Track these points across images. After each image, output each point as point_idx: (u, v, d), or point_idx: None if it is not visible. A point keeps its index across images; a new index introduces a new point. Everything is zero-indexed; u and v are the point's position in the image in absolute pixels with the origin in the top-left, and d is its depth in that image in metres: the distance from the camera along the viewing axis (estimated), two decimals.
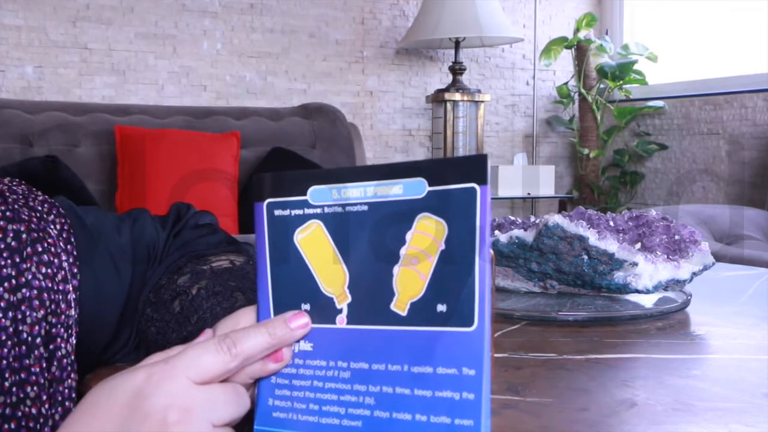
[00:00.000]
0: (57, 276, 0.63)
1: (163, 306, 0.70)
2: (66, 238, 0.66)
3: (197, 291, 0.68)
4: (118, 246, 0.72)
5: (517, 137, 3.89)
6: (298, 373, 0.49)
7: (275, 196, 0.51)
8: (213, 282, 0.68)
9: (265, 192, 0.51)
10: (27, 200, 0.66)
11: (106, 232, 0.71)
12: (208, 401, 0.44)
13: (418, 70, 3.65)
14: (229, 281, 0.68)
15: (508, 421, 0.57)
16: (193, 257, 0.74)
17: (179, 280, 0.71)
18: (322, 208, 0.49)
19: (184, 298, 0.68)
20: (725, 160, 3.31)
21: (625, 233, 0.97)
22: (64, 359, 0.62)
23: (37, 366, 0.59)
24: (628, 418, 0.58)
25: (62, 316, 0.62)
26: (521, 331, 0.86)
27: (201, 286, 0.68)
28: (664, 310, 0.95)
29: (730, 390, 0.65)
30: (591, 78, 3.74)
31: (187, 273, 0.71)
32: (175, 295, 0.69)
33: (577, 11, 3.90)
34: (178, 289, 0.69)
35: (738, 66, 3.36)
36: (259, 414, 0.49)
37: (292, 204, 0.50)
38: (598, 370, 0.71)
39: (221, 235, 0.78)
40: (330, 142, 3.08)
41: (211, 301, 0.66)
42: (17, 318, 0.59)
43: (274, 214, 0.51)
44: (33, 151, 2.62)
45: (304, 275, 0.50)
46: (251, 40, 3.31)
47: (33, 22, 2.94)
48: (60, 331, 0.62)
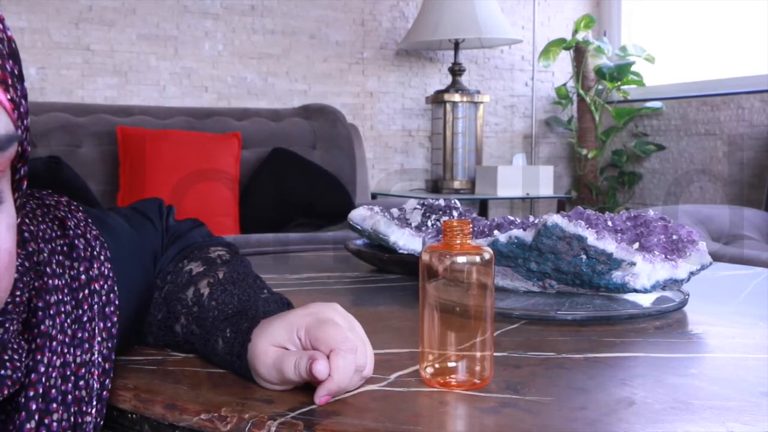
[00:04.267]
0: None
1: (182, 297, 0.74)
2: (110, 287, 0.65)
3: (223, 275, 0.74)
4: (146, 250, 0.75)
5: (516, 138, 3.90)
6: None
7: None
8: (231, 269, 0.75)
9: None
10: (84, 231, 0.65)
11: (137, 242, 0.73)
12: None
13: (417, 71, 3.65)
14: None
15: (507, 420, 0.58)
16: (195, 248, 0.80)
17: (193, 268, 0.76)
18: None
19: (213, 281, 0.73)
20: (722, 161, 3.31)
21: (623, 233, 0.98)
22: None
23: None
24: (626, 417, 0.59)
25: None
26: (520, 331, 0.87)
27: (225, 271, 0.75)
28: (662, 310, 0.95)
29: (727, 389, 0.66)
30: (589, 79, 3.75)
31: (198, 260, 0.77)
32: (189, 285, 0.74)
33: (576, 13, 3.91)
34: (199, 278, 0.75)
35: (735, 67, 3.37)
36: None
37: None
38: (597, 369, 0.72)
39: (204, 228, 0.85)
40: (330, 143, 3.08)
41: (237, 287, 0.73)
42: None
43: None
44: (36, 151, 2.63)
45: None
46: (252, 42, 3.32)
47: (36, 23, 2.95)
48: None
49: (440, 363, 0.66)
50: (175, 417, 0.61)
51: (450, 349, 0.66)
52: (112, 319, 0.64)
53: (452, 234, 0.65)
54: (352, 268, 1.30)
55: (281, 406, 0.60)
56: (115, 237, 0.69)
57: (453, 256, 0.65)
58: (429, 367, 0.66)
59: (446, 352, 0.66)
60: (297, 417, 0.57)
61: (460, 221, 0.66)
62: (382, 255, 1.21)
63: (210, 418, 0.59)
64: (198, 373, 0.70)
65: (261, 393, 0.63)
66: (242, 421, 0.58)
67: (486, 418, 0.59)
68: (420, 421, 0.59)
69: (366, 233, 1.19)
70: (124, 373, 0.69)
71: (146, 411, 0.63)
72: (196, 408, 0.60)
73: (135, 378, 0.67)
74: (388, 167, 3.62)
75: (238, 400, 0.61)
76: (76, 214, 0.66)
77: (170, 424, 0.61)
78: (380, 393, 0.64)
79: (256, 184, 2.86)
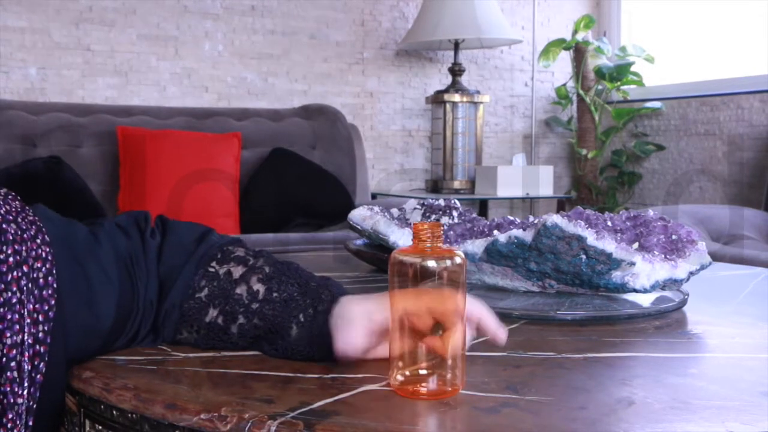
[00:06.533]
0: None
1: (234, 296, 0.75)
2: (48, 270, 0.66)
3: (270, 270, 0.76)
4: (104, 255, 0.73)
5: (516, 138, 3.90)
6: None
7: None
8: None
9: None
10: (16, 216, 0.66)
11: (89, 244, 0.72)
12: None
13: (417, 72, 3.65)
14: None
15: (507, 420, 0.58)
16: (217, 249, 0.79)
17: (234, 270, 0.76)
18: None
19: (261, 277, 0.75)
20: (722, 161, 3.32)
21: (623, 233, 0.98)
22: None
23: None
24: (626, 417, 0.59)
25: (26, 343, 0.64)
26: (520, 330, 0.87)
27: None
28: (661, 310, 0.96)
29: (727, 388, 0.66)
30: (589, 79, 3.75)
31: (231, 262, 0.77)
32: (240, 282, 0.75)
33: (576, 13, 3.91)
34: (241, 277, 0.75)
35: (734, 67, 3.37)
36: None
37: None
38: (597, 369, 0.72)
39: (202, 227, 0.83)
40: (330, 143, 3.08)
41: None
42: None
43: None
44: (36, 151, 2.63)
45: None
46: (252, 42, 3.32)
47: (36, 23, 2.95)
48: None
49: (410, 371, 0.64)
50: (175, 417, 0.61)
51: (420, 357, 0.64)
52: (50, 302, 0.65)
53: (423, 237, 0.64)
54: (352, 268, 1.30)
55: (281, 406, 0.60)
56: (56, 226, 0.70)
57: (424, 259, 0.63)
58: (399, 375, 0.64)
59: (416, 365, 0.64)
60: (297, 417, 0.57)
61: (431, 224, 0.64)
62: (382, 255, 1.21)
63: (210, 418, 0.59)
64: (198, 373, 0.70)
65: (261, 393, 0.63)
66: (242, 421, 0.58)
67: (486, 418, 0.59)
68: (420, 421, 0.59)
69: (366, 233, 1.19)
70: (124, 373, 0.69)
71: (146, 411, 0.63)
72: (196, 408, 0.60)
73: (135, 378, 0.67)
74: (388, 167, 3.62)
75: (238, 400, 0.61)
76: (12, 203, 0.67)
77: (170, 424, 0.61)
78: (380, 393, 0.64)
79: (256, 184, 2.86)
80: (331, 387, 0.65)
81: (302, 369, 0.70)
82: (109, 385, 0.67)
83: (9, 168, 2.50)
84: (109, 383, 0.67)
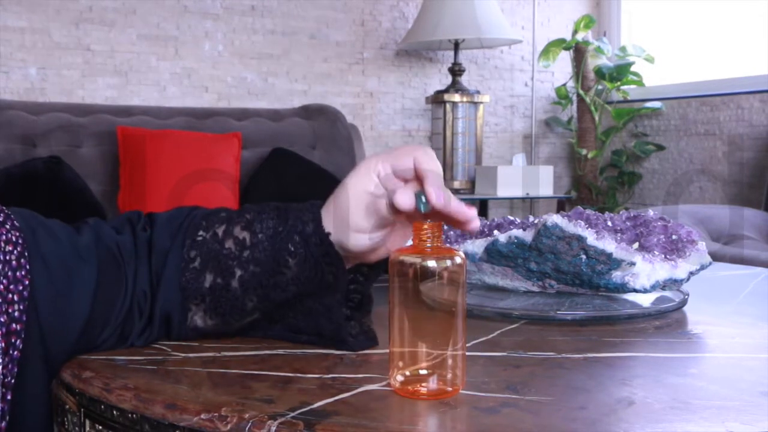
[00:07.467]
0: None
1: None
2: (20, 252, 0.67)
3: (251, 215, 0.76)
4: (77, 249, 0.72)
5: (516, 138, 3.90)
6: None
7: None
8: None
9: None
10: None
11: (62, 237, 0.72)
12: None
13: (417, 72, 3.66)
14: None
15: (506, 420, 0.58)
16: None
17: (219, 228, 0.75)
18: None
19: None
20: (722, 161, 3.32)
21: (623, 233, 0.98)
22: None
23: None
24: (626, 417, 0.59)
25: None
26: (520, 330, 0.87)
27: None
28: (661, 309, 0.95)
29: (727, 388, 0.66)
30: (589, 79, 3.75)
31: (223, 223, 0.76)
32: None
33: (576, 13, 3.91)
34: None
35: (734, 68, 3.37)
36: None
37: None
38: (597, 369, 0.72)
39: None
40: (330, 143, 3.09)
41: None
42: None
43: None
44: (36, 151, 2.63)
45: None
46: (252, 42, 3.32)
47: (36, 23, 2.95)
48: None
49: (410, 371, 0.64)
50: (175, 417, 0.61)
51: (421, 357, 0.64)
52: (24, 282, 0.67)
53: (423, 237, 0.63)
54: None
55: (281, 406, 0.60)
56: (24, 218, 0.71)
57: (424, 259, 0.63)
58: (399, 375, 0.64)
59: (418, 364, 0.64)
60: (297, 417, 0.57)
61: (431, 224, 0.63)
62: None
63: (210, 418, 0.59)
64: (198, 373, 0.70)
65: (261, 393, 0.63)
66: (242, 421, 0.58)
67: (486, 418, 0.59)
68: (420, 421, 0.59)
69: None
70: (124, 373, 0.69)
71: (146, 411, 0.63)
72: (196, 408, 0.60)
73: (135, 378, 0.67)
74: None
75: (238, 400, 0.61)
76: None
77: (170, 424, 0.61)
78: (380, 393, 0.64)
79: (256, 184, 2.86)
80: (331, 387, 0.65)
81: (302, 369, 0.70)
82: (109, 385, 0.66)
83: (9, 168, 2.50)
84: (109, 383, 0.67)
